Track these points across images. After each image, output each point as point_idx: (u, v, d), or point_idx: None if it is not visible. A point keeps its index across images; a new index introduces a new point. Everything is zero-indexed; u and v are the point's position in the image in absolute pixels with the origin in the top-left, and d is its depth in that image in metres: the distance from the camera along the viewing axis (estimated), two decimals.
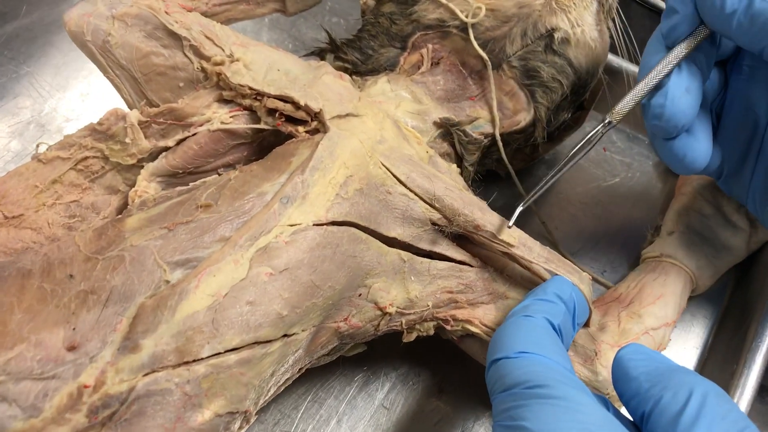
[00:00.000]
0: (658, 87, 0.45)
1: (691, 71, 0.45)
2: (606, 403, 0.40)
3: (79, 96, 0.68)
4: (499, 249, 0.48)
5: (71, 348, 0.37)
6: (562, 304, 0.45)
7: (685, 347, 0.61)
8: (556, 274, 0.48)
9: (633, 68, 0.68)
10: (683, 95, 0.44)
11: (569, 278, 0.48)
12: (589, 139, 0.47)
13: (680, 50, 0.44)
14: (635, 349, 0.41)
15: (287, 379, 0.46)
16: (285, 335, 0.42)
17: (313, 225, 0.43)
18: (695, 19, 0.43)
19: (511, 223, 0.47)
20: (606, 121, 0.47)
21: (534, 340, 0.40)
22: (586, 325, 0.51)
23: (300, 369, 0.47)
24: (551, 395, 0.36)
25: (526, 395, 0.36)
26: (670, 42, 0.45)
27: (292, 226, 0.42)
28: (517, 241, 0.48)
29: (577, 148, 0.47)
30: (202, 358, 0.39)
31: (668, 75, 0.44)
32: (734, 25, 0.41)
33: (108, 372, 0.37)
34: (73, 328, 0.38)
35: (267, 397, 0.44)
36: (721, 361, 0.57)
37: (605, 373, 0.49)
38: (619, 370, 0.40)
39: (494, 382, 0.39)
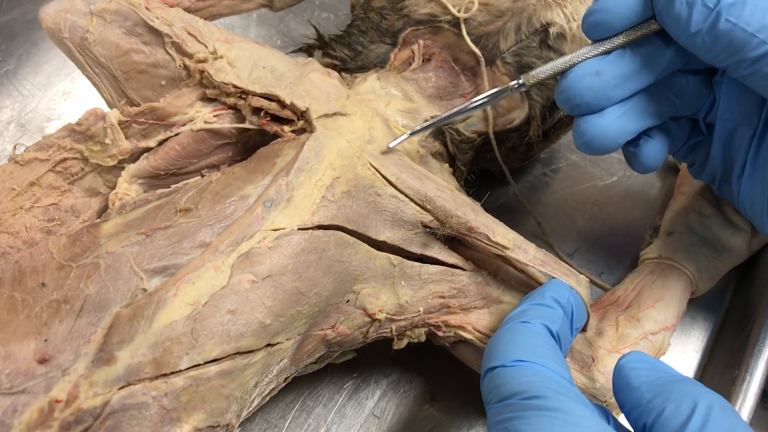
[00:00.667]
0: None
1: (624, 60, 0.44)
2: (606, 414, 0.39)
3: (61, 95, 0.66)
4: (492, 252, 0.47)
5: (42, 360, 0.36)
6: (560, 308, 0.44)
7: (685, 351, 0.59)
8: (553, 277, 0.47)
9: None
10: (588, 77, 0.44)
11: (566, 281, 0.46)
12: (495, 93, 0.46)
13: (619, 38, 0.44)
14: (637, 357, 0.40)
15: (272, 389, 0.44)
16: (268, 345, 0.40)
17: (298, 229, 0.42)
18: (635, 16, 0.43)
19: (392, 144, 0.47)
20: (519, 81, 0.46)
21: (531, 348, 0.39)
22: (583, 329, 0.49)
23: (286, 378, 0.45)
24: (549, 407, 0.34)
25: (523, 406, 0.35)
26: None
27: (275, 230, 0.41)
28: (512, 243, 0.46)
29: (482, 96, 0.47)
30: (180, 370, 0.37)
31: (594, 56, 0.44)
32: (698, 43, 0.41)
33: (81, 385, 0.36)
34: (45, 340, 0.36)
35: (250, 409, 0.43)
36: (722, 366, 0.56)
37: (603, 380, 0.48)
38: (620, 379, 0.39)
39: (489, 392, 0.38)
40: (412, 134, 0.48)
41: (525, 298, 0.46)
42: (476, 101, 0.47)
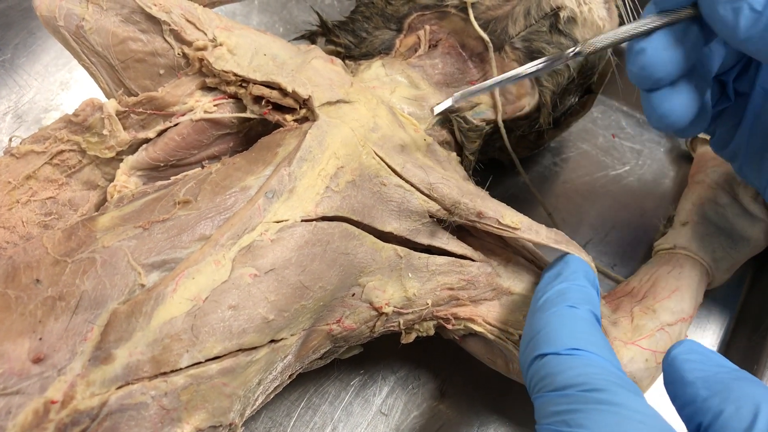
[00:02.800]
0: (645, 35, 0.41)
1: (683, 35, 0.41)
2: None
3: (58, 85, 0.65)
4: (504, 235, 0.46)
5: (37, 360, 0.35)
6: (593, 289, 0.43)
7: (702, 343, 0.58)
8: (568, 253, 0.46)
9: None
10: (667, 47, 0.41)
11: (584, 258, 0.45)
12: (551, 60, 0.43)
13: (679, 13, 0.41)
14: (690, 347, 0.38)
15: (276, 387, 0.43)
16: (272, 341, 0.39)
17: (302, 221, 0.40)
18: None
19: (437, 109, 0.45)
20: (576, 50, 0.43)
21: (585, 337, 0.38)
22: None
23: (290, 375, 0.44)
24: (612, 402, 0.33)
25: (584, 399, 0.34)
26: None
27: (278, 222, 0.40)
28: (522, 224, 0.45)
29: (537, 63, 0.44)
30: (180, 369, 0.36)
31: (658, 28, 0.41)
32: (751, 49, 0.38)
33: (77, 385, 0.34)
34: (40, 338, 0.35)
35: (254, 407, 0.41)
36: (740, 361, 0.54)
37: None
38: (673, 372, 0.37)
39: (540, 380, 0.37)
40: (457, 98, 0.45)
41: (549, 271, 0.45)
42: (530, 67, 0.43)
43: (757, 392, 0.34)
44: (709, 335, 0.59)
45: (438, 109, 0.45)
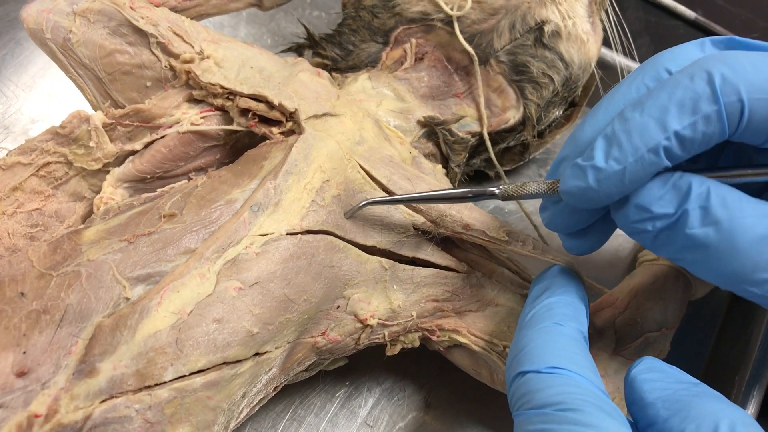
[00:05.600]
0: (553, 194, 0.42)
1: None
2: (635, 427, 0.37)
3: (46, 96, 0.65)
4: (491, 246, 0.46)
5: (21, 373, 0.35)
6: (582, 304, 0.43)
7: (685, 355, 0.58)
8: (557, 264, 0.46)
9: (627, 62, 0.66)
10: (563, 213, 0.43)
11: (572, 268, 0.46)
12: (463, 194, 0.43)
13: None
14: (649, 366, 0.38)
15: (261, 399, 0.43)
16: (256, 354, 0.39)
17: (287, 234, 0.41)
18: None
19: (347, 214, 0.44)
20: (495, 191, 0.43)
21: (567, 355, 0.37)
22: None
23: (275, 388, 0.44)
24: (585, 422, 0.33)
25: (558, 419, 0.34)
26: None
27: (263, 236, 0.40)
28: (509, 236, 0.45)
29: (448, 192, 0.43)
30: (165, 382, 0.36)
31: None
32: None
33: (61, 399, 0.34)
34: (24, 352, 0.35)
35: (239, 420, 0.41)
36: (722, 371, 0.55)
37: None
38: (632, 392, 0.37)
39: (520, 397, 0.37)
40: (367, 205, 0.44)
41: (538, 284, 0.45)
42: (440, 194, 0.43)
43: (716, 408, 0.34)
44: (693, 344, 0.59)
45: (348, 214, 0.44)
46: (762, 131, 0.36)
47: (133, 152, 0.48)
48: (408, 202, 0.44)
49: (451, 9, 0.53)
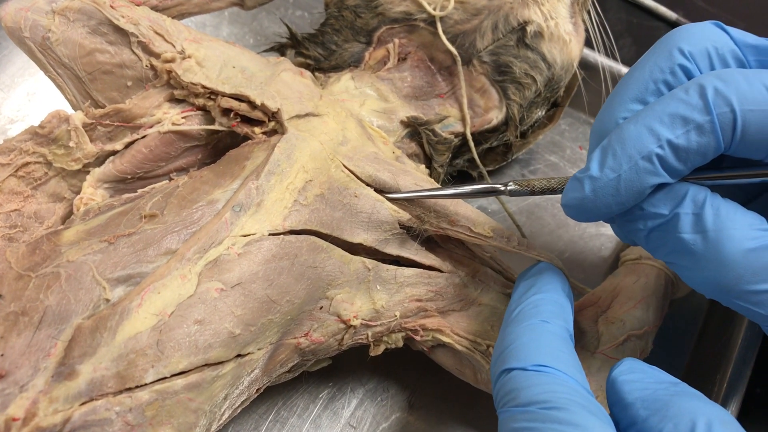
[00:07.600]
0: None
1: None
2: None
3: (25, 95, 0.64)
4: (475, 242, 0.46)
5: None
6: (567, 301, 0.43)
7: (668, 353, 0.59)
8: (541, 261, 0.46)
9: (609, 63, 0.66)
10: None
11: (556, 265, 0.46)
12: (480, 190, 0.45)
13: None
14: (629, 367, 0.38)
15: (243, 401, 0.43)
16: (238, 355, 0.39)
17: (269, 234, 0.40)
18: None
19: None
20: (508, 187, 0.44)
21: (553, 353, 0.37)
22: None
23: (258, 389, 0.44)
24: (570, 421, 0.33)
25: (543, 417, 0.34)
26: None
27: (245, 236, 0.40)
28: (494, 232, 0.45)
29: (467, 189, 0.45)
30: (145, 384, 0.36)
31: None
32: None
33: (40, 402, 0.34)
34: (1, 354, 0.35)
35: (221, 422, 0.41)
36: (704, 369, 0.55)
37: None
38: (613, 393, 0.38)
39: (506, 394, 0.37)
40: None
41: (524, 280, 0.45)
42: (456, 191, 0.45)
43: (694, 406, 0.34)
44: (675, 343, 0.59)
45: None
46: (759, 144, 0.36)
47: (114, 152, 0.47)
48: (419, 197, 0.45)
49: (434, 9, 0.53)
